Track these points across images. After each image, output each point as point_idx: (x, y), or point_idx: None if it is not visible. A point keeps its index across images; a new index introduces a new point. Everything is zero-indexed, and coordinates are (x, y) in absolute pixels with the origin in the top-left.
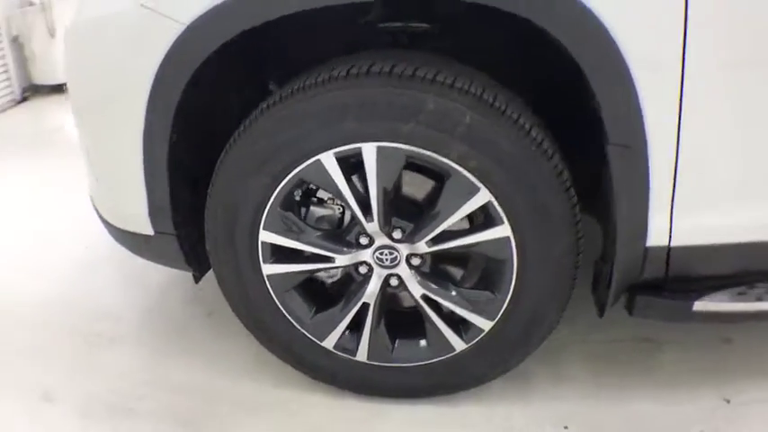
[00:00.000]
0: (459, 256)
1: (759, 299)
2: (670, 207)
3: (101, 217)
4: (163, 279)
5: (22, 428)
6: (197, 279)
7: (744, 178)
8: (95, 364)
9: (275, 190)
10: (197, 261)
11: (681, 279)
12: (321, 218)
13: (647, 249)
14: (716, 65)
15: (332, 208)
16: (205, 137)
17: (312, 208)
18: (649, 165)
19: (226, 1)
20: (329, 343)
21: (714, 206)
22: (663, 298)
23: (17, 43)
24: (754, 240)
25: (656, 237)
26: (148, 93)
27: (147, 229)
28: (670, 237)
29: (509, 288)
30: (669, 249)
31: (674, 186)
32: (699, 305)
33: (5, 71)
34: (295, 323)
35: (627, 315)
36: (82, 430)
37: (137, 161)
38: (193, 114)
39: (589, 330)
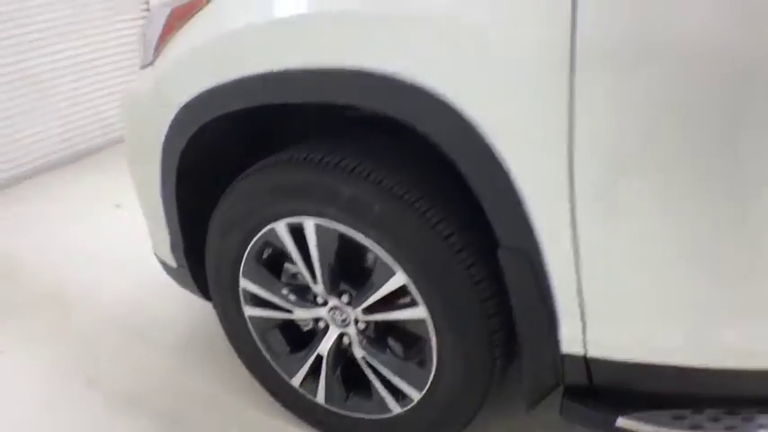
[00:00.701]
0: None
1: (695, 426)
2: (579, 316)
3: (153, 248)
4: None
5: (61, 401)
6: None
7: (656, 295)
8: (136, 362)
9: (248, 246)
10: (208, 291)
11: (611, 390)
12: (294, 274)
13: (563, 356)
14: (607, 169)
15: None
16: (209, 190)
17: (286, 264)
18: (547, 270)
19: (201, 93)
20: (296, 381)
21: (631, 321)
22: (586, 406)
23: None
24: (683, 365)
25: (570, 344)
26: (161, 153)
27: (172, 261)
28: (585, 347)
29: (432, 367)
30: (587, 360)
31: (580, 295)
32: (622, 422)
33: None
34: (270, 359)
35: None
36: (104, 409)
37: (160, 206)
38: (195, 172)
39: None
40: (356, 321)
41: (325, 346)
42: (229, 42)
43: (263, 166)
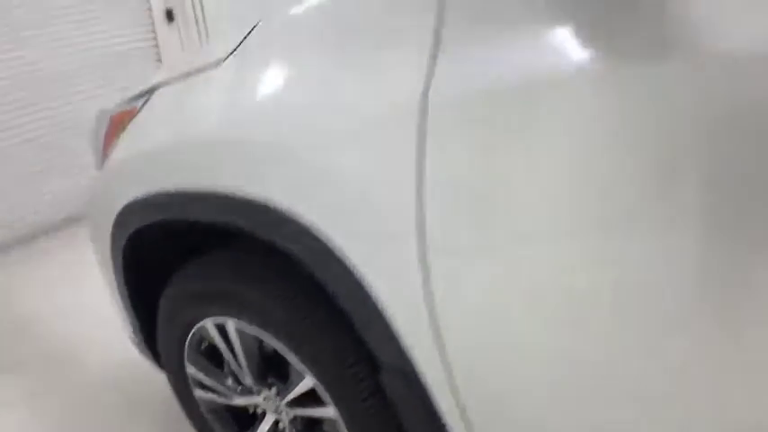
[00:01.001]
0: None
1: None
2: None
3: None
4: None
5: None
6: None
7: (542, 416)
8: (121, 423)
9: (187, 337)
10: None
11: None
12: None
13: None
14: (465, 288)
15: None
16: (157, 279)
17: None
18: (428, 391)
19: (130, 202)
20: None
21: None
22: None
23: None
24: None
25: None
26: (110, 246)
27: (133, 337)
28: None
29: None
30: None
31: (465, 416)
32: None
33: None
34: None
35: None
36: None
37: (116, 290)
38: (140, 264)
39: None
40: (286, 412)
41: (263, 430)
42: (138, 160)
43: (187, 270)
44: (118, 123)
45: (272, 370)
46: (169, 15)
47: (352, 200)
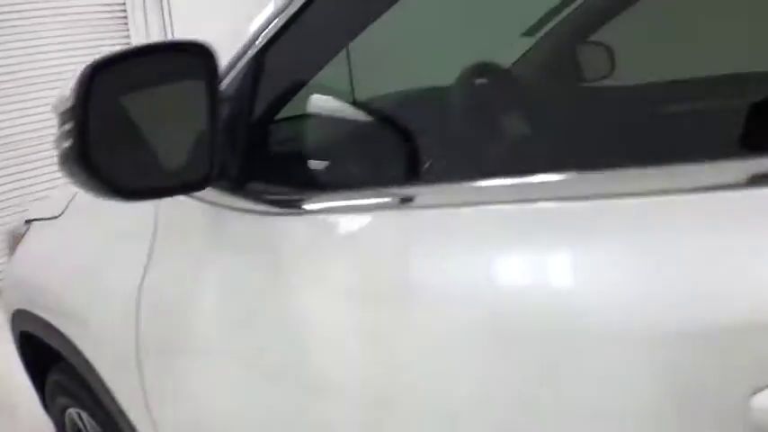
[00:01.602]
0: None
1: None
2: None
3: None
4: None
5: None
6: None
7: None
8: None
9: (64, 417)
10: None
11: None
12: None
13: None
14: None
15: None
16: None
17: None
18: None
19: (13, 311)
20: None
21: None
22: None
23: None
24: None
25: None
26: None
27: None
28: None
29: None
30: None
31: None
32: None
33: None
34: None
35: None
36: None
37: None
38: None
39: None
40: None
41: None
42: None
43: (57, 364)
44: (14, 242)
45: None
46: None
47: (102, 338)
